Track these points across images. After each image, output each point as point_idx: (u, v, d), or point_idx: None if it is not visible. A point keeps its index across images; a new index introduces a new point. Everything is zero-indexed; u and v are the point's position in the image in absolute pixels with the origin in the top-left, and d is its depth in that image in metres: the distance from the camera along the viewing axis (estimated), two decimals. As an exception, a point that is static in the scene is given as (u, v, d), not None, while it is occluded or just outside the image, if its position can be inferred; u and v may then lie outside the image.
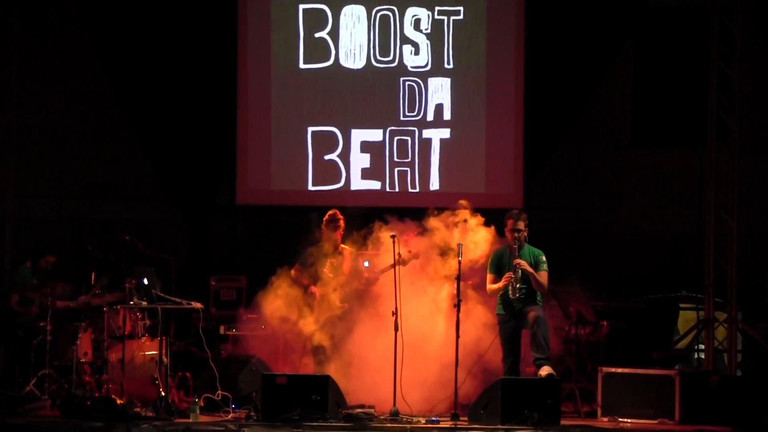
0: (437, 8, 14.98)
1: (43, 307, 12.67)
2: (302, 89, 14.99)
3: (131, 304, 12.21)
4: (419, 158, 14.97)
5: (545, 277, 11.78)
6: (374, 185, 14.96)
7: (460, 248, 11.87)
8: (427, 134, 15.00)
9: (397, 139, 14.98)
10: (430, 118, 14.99)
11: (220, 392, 11.91)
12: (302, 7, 14.99)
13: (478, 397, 11.61)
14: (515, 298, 11.68)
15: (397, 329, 11.64)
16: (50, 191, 15.71)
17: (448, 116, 15.00)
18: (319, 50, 14.98)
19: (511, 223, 11.82)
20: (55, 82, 15.57)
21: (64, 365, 12.59)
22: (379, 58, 14.99)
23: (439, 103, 14.98)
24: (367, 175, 14.97)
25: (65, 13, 15.46)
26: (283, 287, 12.53)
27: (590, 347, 13.05)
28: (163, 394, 11.67)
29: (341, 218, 12.59)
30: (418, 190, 14.92)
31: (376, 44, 14.98)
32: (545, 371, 11.46)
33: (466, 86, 15.02)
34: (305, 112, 14.98)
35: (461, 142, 15.02)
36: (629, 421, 11.97)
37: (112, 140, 15.60)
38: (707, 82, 14.19)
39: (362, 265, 12.66)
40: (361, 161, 14.96)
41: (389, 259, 12.12)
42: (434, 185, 14.97)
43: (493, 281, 11.87)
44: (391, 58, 14.99)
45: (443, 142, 15.00)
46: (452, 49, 14.97)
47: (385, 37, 14.98)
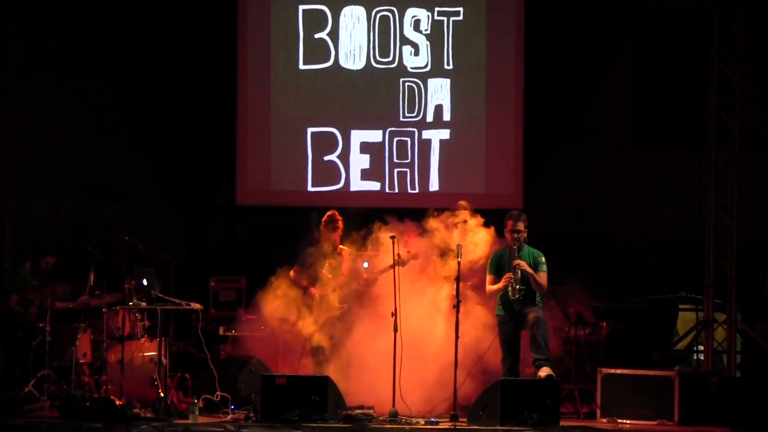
0: (437, 9, 14.96)
1: (42, 307, 12.67)
2: (302, 90, 14.98)
3: (130, 304, 12.20)
4: (419, 159, 14.96)
5: (544, 278, 11.77)
6: (374, 186, 14.95)
7: (459, 249, 11.87)
8: (426, 135, 14.99)
9: (396, 139, 14.97)
10: (429, 118, 14.98)
11: (219, 393, 11.90)
12: (302, 7, 14.97)
13: (477, 398, 11.61)
14: (515, 298, 11.67)
15: (396, 330, 11.64)
16: (50, 191, 15.70)
17: (447, 117, 14.99)
18: (318, 51, 14.97)
19: (510, 224, 11.80)
20: (55, 82, 15.55)
21: (63, 366, 12.61)
22: (378, 58, 14.98)
23: (438, 103, 14.97)
24: (366, 175, 14.96)
25: (65, 13, 15.44)
26: (282, 288, 12.54)
27: (590, 348, 13.04)
28: (162, 395, 11.66)
29: (340, 219, 12.58)
30: (417, 190, 14.91)
31: (375, 45, 14.97)
32: (544, 372, 11.45)
33: (465, 87, 15.01)
34: (305, 112, 14.98)
35: (461, 142, 15.01)
36: (628, 422, 11.96)
37: (112, 140, 15.59)
38: (707, 82, 14.19)
39: (361, 265, 12.66)
40: (360, 162, 14.95)
41: (388, 259, 12.12)
42: (434, 186, 14.96)
43: (492, 282, 11.85)
44: (390, 58, 14.98)
45: (443, 142, 14.99)
46: (452, 49, 14.96)
47: (384, 37, 14.97)
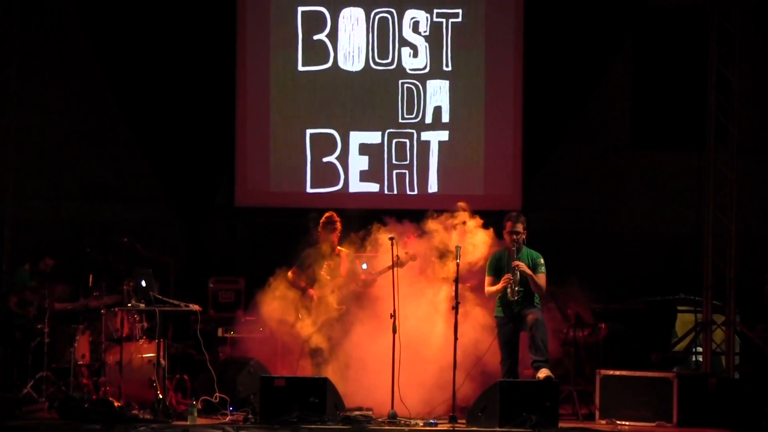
0: (436, 10, 14.97)
1: (41, 309, 12.67)
2: (301, 91, 14.98)
3: (129, 306, 12.18)
4: (418, 160, 14.96)
5: (543, 279, 11.75)
6: (373, 187, 14.95)
7: (458, 250, 11.86)
8: (425, 136, 14.99)
9: (395, 141, 14.97)
10: (428, 120, 14.98)
11: (218, 394, 11.92)
12: (301, 9, 14.97)
13: (476, 399, 11.60)
14: (513, 300, 11.67)
15: (395, 331, 11.64)
16: (49, 192, 15.69)
17: (446, 118, 14.99)
18: (317, 52, 14.97)
19: (509, 225, 11.79)
20: (55, 82, 15.54)
21: (61, 367, 12.60)
22: (377, 60, 14.97)
23: (437, 105, 14.97)
24: (365, 177, 14.96)
25: (65, 13, 15.43)
26: (280, 289, 12.54)
27: (588, 349, 13.04)
28: (160, 396, 11.66)
29: (338, 220, 12.58)
30: (416, 192, 14.91)
31: (374, 46, 14.97)
32: (543, 374, 11.45)
33: (464, 88, 15.02)
34: (304, 114, 14.99)
35: (460, 144, 15.01)
36: (627, 423, 11.96)
37: (111, 140, 15.58)
38: (706, 83, 14.14)
39: (360, 267, 12.66)
40: (359, 163, 14.95)
41: (387, 261, 12.12)
42: (433, 187, 14.96)
43: (491, 283, 11.84)
44: (389, 60, 14.98)
45: (442, 144, 14.99)
46: (451, 51, 14.96)
47: (383, 39, 14.97)
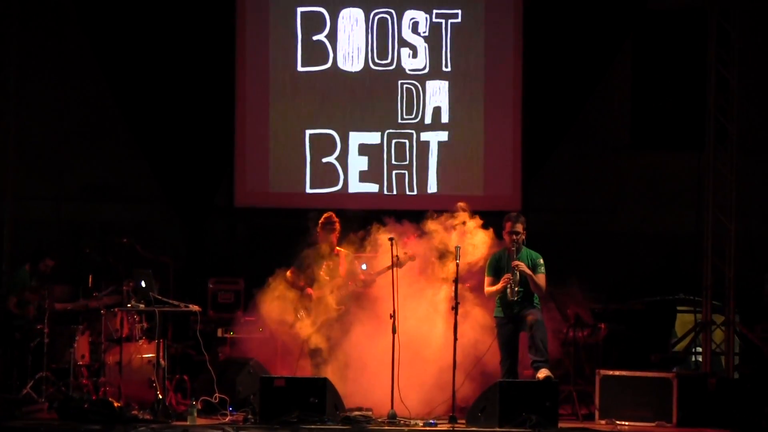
0: (435, 11, 14.97)
1: (40, 309, 12.67)
2: (300, 92, 14.97)
3: (129, 306, 12.18)
4: (417, 161, 14.96)
5: (543, 279, 11.76)
6: (372, 188, 14.94)
7: (458, 251, 11.86)
8: (425, 137, 14.99)
9: (395, 141, 14.96)
10: (428, 120, 14.97)
11: (217, 395, 11.92)
12: (300, 9, 14.97)
13: (475, 399, 11.61)
14: (513, 300, 11.67)
15: (394, 332, 11.64)
16: (49, 192, 15.68)
17: (446, 119, 14.99)
18: (317, 53, 14.96)
19: (509, 225, 11.79)
20: (54, 82, 15.52)
21: (61, 368, 12.62)
22: (377, 61, 14.97)
23: (437, 105, 14.97)
24: (365, 177, 14.96)
25: (65, 13, 15.41)
26: (279, 289, 12.55)
27: (588, 350, 13.05)
28: (160, 396, 11.66)
29: (337, 221, 12.58)
30: (416, 192, 14.91)
31: (374, 47, 14.97)
32: (543, 374, 11.45)
33: (464, 89, 15.01)
34: (303, 114, 14.98)
35: (459, 144, 15.01)
36: (627, 423, 11.96)
37: (111, 141, 15.57)
38: (705, 83, 14.15)
39: (359, 267, 12.66)
40: (359, 164, 14.95)
41: (386, 261, 12.12)
42: (432, 188, 14.96)
43: (491, 284, 11.84)
44: (389, 60, 14.98)
45: (441, 144, 14.99)
46: (450, 51, 14.96)
47: (383, 40, 14.97)
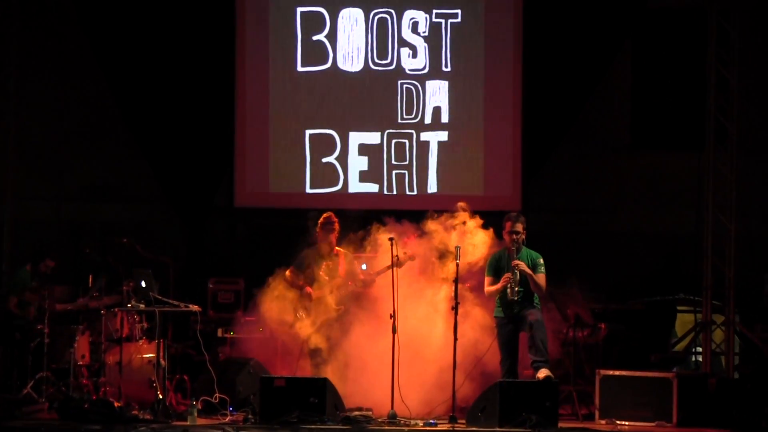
0: (435, 11, 14.98)
1: (41, 309, 12.67)
2: (300, 92, 14.98)
3: (129, 306, 12.19)
4: (417, 161, 14.96)
5: (543, 279, 11.75)
6: (372, 188, 14.95)
7: (458, 251, 11.86)
8: (425, 137, 14.99)
9: (395, 141, 14.97)
10: (428, 120, 14.98)
11: (217, 395, 11.93)
12: (300, 9, 14.98)
13: (476, 399, 11.61)
14: (513, 299, 11.67)
15: (395, 332, 11.64)
16: (49, 193, 15.68)
17: (446, 119, 14.99)
18: (316, 53, 14.97)
19: (509, 225, 11.79)
20: (54, 82, 15.52)
21: (61, 368, 12.62)
22: (376, 60, 14.98)
23: (437, 105, 14.97)
24: (365, 177, 14.96)
25: (65, 13, 15.42)
26: (279, 289, 12.55)
27: (588, 350, 13.04)
28: (160, 396, 11.66)
29: (336, 221, 12.58)
30: (416, 192, 14.91)
31: (373, 47, 14.97)
32: (543, 374, 11.45)
33: (464, 89, 15.01)
34: (303, 114, 14.98)
35: (459, 144, 15.02)
36: (627, 423, 11.96)
37: (111, 141, 15.58)
38: (705, 83, 14.13)
39: (358, 267, 12.67)
40: (359, 164, 14.95)
41: (386, 261, 12.12)
42: (432, 188, 14.96)
43: (491, 284, 11.84)
44: (388, 60, 14.98)
45: (441, 144, 14.99)
46: (450, 51, 14.97)
47: (382, 39, 14.98)
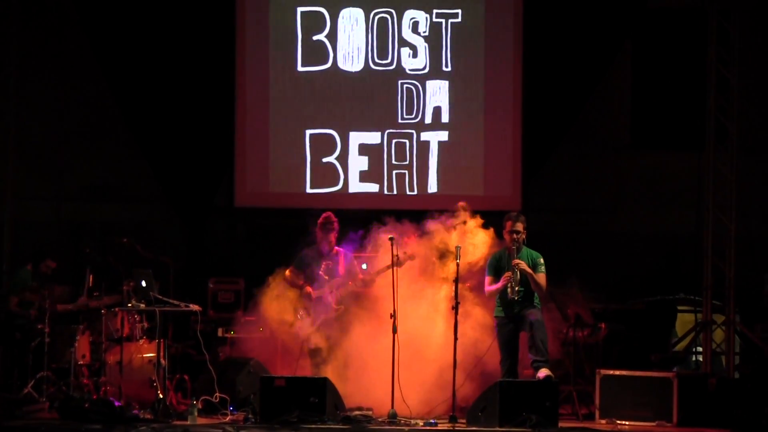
0: (435, 11, 14.97)
1: (41, 309, 12.67)
2: (300, 92, 14.97)
3: (129, 306, 12.19)
4: (417, 161, 14.96)
5: (543, 279, 11.77)
6: (372, 188, 14.94)
7: (458, 251, 11.87)
8: (425, 137, 14.99)
9: (395, 141, 14.96)
10: (428, 120, 14.97)
11: (218, 394, 11.92)
12: (300, 9, 14.98)
13: (476, 399, 11.62)
14: (514, 299, 11.67)
15: (395, 331, 11.65)
16: (49, 193, 15.67)
17: (446, 119, 14.98)
18: (317, 53, 14.96)
19: (509, 224, 11.80)
20: (54, 82, 15.53)
21: (62, 368, 12.61)
22: (377, 60, 14.97)
23: (437, 105, 14.97)
24: (365, 177, 14.95)
25: (65, 13, 15.42)
26: (279, 289, 12.55)
27: (588, 349, 13.04)
28: (161, 396, 11.66)
29: (335, 221, 12.59)
30: (416, 192, 14.90)
31: (374, 47, 14.97)
32: (543, 373, 11.46)
33: (464, 89, 15.01)
34: (303, 114, 14.98)
35: (459, 144, 15.01)
36: (627, 423, 11.96)
37: (111, 141, 15.58)
38: (705, 83, 14.14)
39: (358, 267, 12.67)
40: (359, 164, 14.94)
41: (386, 261, 12.12)
42: (432, 188, 14.96)
43: (491, 283, 11.85)
44: (389, 60, 14.98)
45: (441, 144, 14.98)
46: (450, 51, 14.96)
47: (383, 39, 14.97)
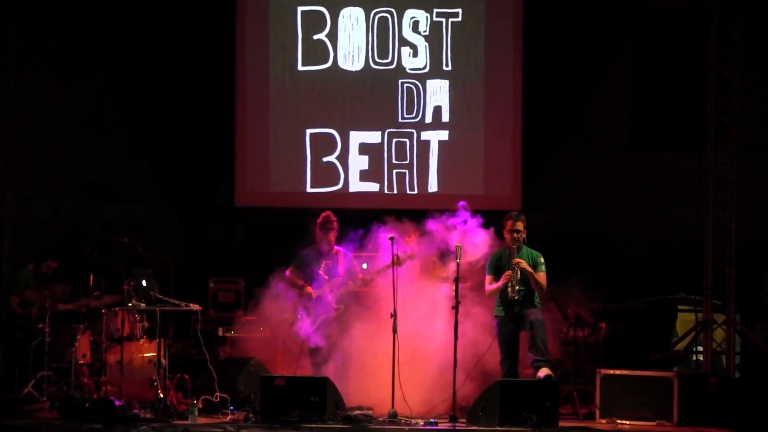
0: (435, 10, 14.97)
1: (42, 309, 12.67)
2: (301, 91, 14.97)
3: (130, 306, 12.20)
4: (418, 160, 14.96)
5: (543, 278, 11.78)
6: (373, 187, 14.94)
7: (458, 250, 11.87)
8: (425, 136, 14.99)
9: (395, 141, 14.96)
10: (428, 120, 14.97)
11: (218, 394, 11.92)
12: (300, 9, 14.98)
13: (476, 399, 11.62)
14: (514, 298, 11.67)
15: (395, 331, 11.65)
16: (49, 193, 15.67)
17: (446, 118, 14.99)
18: (317, 52, 14.97)
19: (509, 224, 11.81)
20: (54, 82, 15.52)
21: (62, 367, 12.61)
22: (377, 60, 14.97)
23: (437, 105, 14.97)
24: (365, 177, 14.95)
25: (65, 13, 15.42)
26: (279, 288, 12.55)
27: (588, 349, 13.04)
28: (161, 395, 11.68)
29: (335, 220, 12.58)
30: (416, 192, 14.91)
31: (374, 46, 14.97)
32: (543, 373, 11.47)
33: (464, 88, 15.01)
34: (304, 114, 14.98)
35: (460, 143, 15.01)
36: (627, 423, 11.96)
37: (111, 141, 15.58)
38: (706, 83, 14.14)
39: (358, 266, 12.67)
40: (359, 163, 14.94)
41: (385, 260, 12.12)
42: (433, 187, 14.96)
43: (491, 283, 11.86)
44: (389, 60, 14.98)
45: (442, 144, 14.99)
46: (451, 51, 14.97)
47: (383, 39, 14.97)
